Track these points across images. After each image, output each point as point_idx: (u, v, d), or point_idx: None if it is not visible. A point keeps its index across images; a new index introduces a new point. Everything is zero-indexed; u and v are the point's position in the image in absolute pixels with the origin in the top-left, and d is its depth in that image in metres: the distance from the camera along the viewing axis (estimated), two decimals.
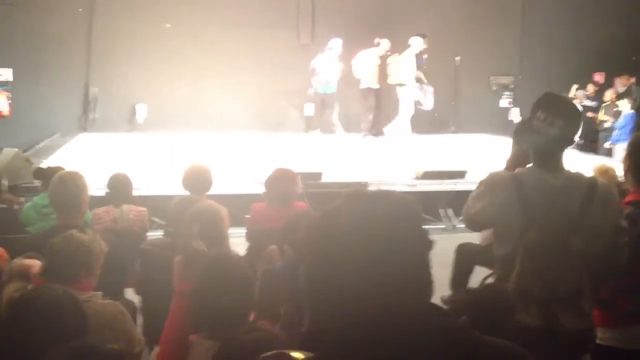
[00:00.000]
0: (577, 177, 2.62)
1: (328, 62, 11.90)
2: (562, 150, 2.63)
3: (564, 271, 2.44)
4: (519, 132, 2.73)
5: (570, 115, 2.61)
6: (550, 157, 2.60)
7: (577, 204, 2.53)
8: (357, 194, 1.27)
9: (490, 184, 2.64)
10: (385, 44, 11.94)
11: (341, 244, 1.20)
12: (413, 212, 1.26)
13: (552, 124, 2.54)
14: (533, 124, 2.59)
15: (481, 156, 9.89)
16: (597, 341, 2.85)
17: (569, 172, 2.62)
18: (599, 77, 13.14)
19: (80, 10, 12.08)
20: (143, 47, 12.11)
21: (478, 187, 2.70)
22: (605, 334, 2.86)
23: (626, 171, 2.99)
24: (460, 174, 8.32)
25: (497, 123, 12.50)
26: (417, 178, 8.40)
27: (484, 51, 12.93)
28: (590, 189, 2.56)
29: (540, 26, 12.57)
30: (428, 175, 8.31)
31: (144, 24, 12.14)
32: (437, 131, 12.84)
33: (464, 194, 7.74)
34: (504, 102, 13.62)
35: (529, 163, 2.67)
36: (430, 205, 8.07)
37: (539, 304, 2.40)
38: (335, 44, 11.96)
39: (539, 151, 2.61)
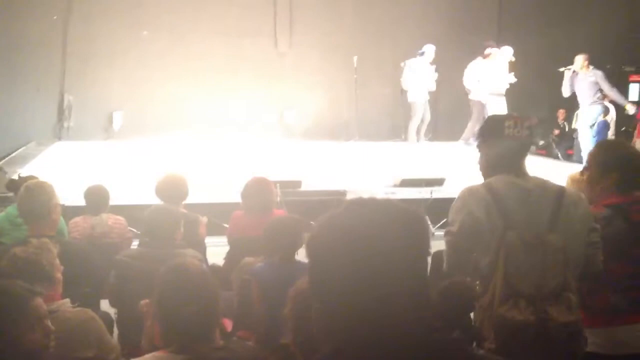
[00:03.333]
0: (545, 182, 2.76)
1: (417, 68, 11.71)
2: (525, 156, 2.80)
3: (548, 267, 2.53)
4: (487, 139, 2.84)
5: (533, 119, 2.84)
6: (517, 163, 2.75)
7: (550, 205, 2.64)
8: (359, 201, 1.27)
9: (467, 196, 2.72)
10: (496, 52, 11.75)
11: (340, 252, 1.19)
12: (417, 222, 1.25)
13: (522, 127, 2.72)
14: (503, 131, 2.74)
15: (458, 164, 9.95)
16: None
17: (535, 177, 2.77)
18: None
19: (55, 17, 11.96)
20: (119, 54, 12.02)
21: (455, 202, 2.78)
22: (588, 338, 2.88)
23: (610, 185, 3.02)
24: (438, 182, 8.35)
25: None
26: (396, 185, 8.42)
27: (461, 60, 13.00)
28: (559, 193, 2.68)
29: (515, 36, 12.69)
30: (406, 183, 8.34)
31: (120, 31, 12.05)
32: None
33: (442, 201, 7.85)
34: None
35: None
36: None
37: (528, 301, 2.49)
38: (428, 49, 11.79)
39: (507, 157, 2.74)
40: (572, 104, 12.56)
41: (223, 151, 10.57)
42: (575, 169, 8.00)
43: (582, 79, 10.94)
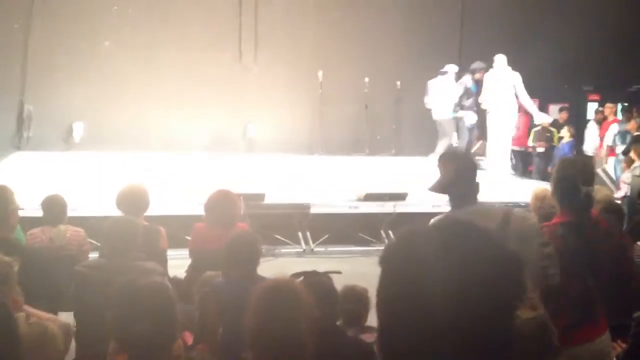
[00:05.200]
0: (491, 208, 2.91)
1: (437, 86, 11.59)
2: (470, 183, 2.86)
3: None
4: (440, 185, 3.00)
5: (458, 155, 2.85)
6: (463, 193, 2.84)
7: (497, 223, 2.69)
8: (455, 224, 1.16)
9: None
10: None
11: (418, 271, 1.09)
12: (515, 267, 1.13)
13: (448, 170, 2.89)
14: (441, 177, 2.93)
15: (421, 179, 10.04)
16: None
17: (483, 204, 2.89)
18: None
19: (16, 26, 11.77)
20: (81, 65, 11.86)
21: None
22: None
23: (553, 194, 3.17)
24: (401, 196, 8.42)
25: (436, 146, 12.73)
26: (359, 200, 8.46)
27: (424, 76, 13.17)
28: (506, 213, 2.75)
29: (478, 54, 12.93)
30: (370, 197, 8.39)
31: (82, 42, 11.91)
32: (378, 153, 13.00)
33: (405, 215, 7.92)
34: None
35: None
36: (372, 226, 8.14)
37: None
38: (450, 68, 11.68)
39: (454, 193, 2.86)
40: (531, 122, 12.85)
41: (186, 164, 10.49)
42: (537, 185, 8.17)
43: (500, 80, 10.67)
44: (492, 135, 11.13)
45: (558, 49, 12.92)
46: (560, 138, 12.66)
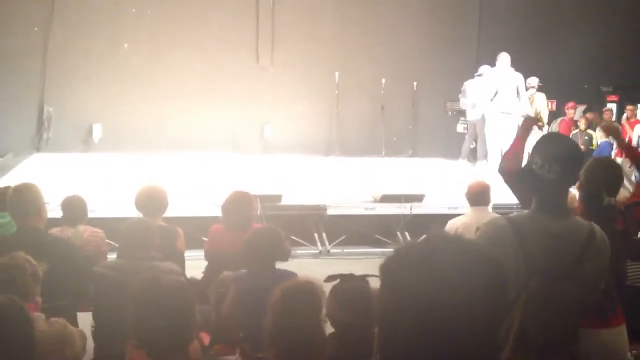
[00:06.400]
0: (577, 224, 2.61)
1: (475, 87, 11.47)
2: (564, 194, 2.63)
3: (563, 319, 2.47)
4: (521, 176, 2.74)
5: (567, 160, 2.58)
6: (551, 201, 2.58)
7: (577, 251, 2.53)
8: (443, 237, 1.24)
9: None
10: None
11: (413, 283, 1.16)
12: (498, 272, 1.21)
13: (549, 171, 2.52)
14: (532, 169, 2.59)
15: (438, 180, 10.02)
16: None
17: (569, 218, 2.62)
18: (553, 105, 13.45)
19: (36, 29, 11.90)
20: (100, 66, 11.97)
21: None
22: None
23: (577, 189, 3.20)
24: (418, 198, 8.40)
25: (453, 148, 12.70)
26: (375, 201, 8.46)
27: (441, 77, 13.16)
28: (589, 237, 2.56)
29: (496, 54, 12.89)
30: (386, 199, 8.38)
31: (101, 44, 12.01)
32: (394, 155, 12.99)
33: (421, 217, 7.91)
34: (460, 127, 13.84)
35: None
36: (388, 228, 8.14)
37: (537, 352, 2.41)
38: (485, 70, 11.58)
39: (540, 196, 2.60)
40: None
41: (203, 165, 10.54)
42: None
43: (505, 79, 10.42)
44: (492, 136, 10.79)
45: (577, 49, 12.82)
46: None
